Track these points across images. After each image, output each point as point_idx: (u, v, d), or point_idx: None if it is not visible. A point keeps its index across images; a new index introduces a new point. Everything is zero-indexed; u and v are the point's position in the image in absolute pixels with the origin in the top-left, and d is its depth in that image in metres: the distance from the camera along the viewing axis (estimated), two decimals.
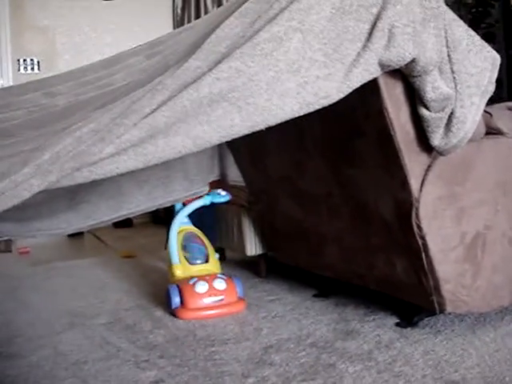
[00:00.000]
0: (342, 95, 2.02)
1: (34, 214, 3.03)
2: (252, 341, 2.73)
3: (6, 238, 6.21)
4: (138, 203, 3.23)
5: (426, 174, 2.43)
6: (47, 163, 1.66)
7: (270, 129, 1.97)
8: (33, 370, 2.58)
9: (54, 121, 1.99)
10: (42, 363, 2.65)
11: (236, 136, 1.92)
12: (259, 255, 3.87)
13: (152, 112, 1.80)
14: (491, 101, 2.50)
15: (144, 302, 3.53)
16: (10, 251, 5.99)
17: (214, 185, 3.65)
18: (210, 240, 3.64)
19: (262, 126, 1.94)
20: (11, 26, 6.62)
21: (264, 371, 2.38)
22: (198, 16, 7.40)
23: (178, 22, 7.42)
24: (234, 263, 4.38)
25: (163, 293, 3.70)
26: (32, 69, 6.73)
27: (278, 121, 1.96)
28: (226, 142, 3.37)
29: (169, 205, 3.41)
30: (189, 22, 7.25)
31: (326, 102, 2.01)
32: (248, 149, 3.35)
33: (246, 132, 1.93)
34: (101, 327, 3.11)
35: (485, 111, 2.55)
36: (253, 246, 3.81)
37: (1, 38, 6.57)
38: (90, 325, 3.16)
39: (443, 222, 2.48)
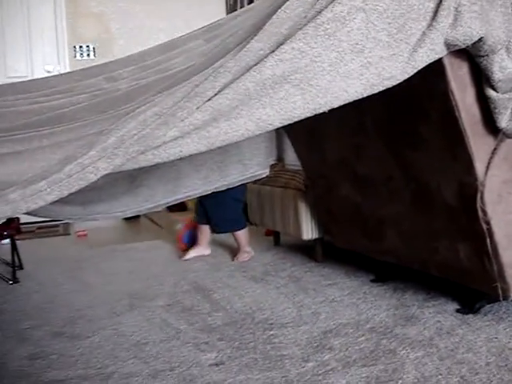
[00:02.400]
0: (406, 76, 1.97)
1: (95, 198, 3.08)
2: (310, 325, 2.72)
3: (65, 221, 6.38)
4: (195, 187, 3.24)
5: (491, 157, 2.36)
6: (112, 147, 1.68)
7: (329, 111, 1.93)
8: (95, 350, 2.63)
9: (117, 105, 2.00)
10: (103, 344, 2.71)
11: (298, 119, 1.90)
12: (315, 239, 3.85)
13: (215, 95, 1.79)
14: None
15: (201, 284, 3.56)
16: (69, 234, 6.14)
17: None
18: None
19: (324, 109, 1.91)
20: (67, 14, 6.72)
21: (324, 356, 2.37)
22: (250, 2, 7.36)
23: (231, 8, 7.39)
24: (290, 247, 4.37)
25: (219, 276, 3.73)
26: (88, 55, 6.83)
27: (341, 103, 1.92)
28: (285, 128, 3.35)
29: (224, 188, 3.41)
30: (242, 7, 7.21)
31: (390, 83, 1.96)
32: (306, 132, 3.31)
33: (309, 115, 1.90)
34: (160, 309, 3.15)
35: None
36: (309, 230, 3.79)
37: (57, 25, 6.69)
38: (150, 307, 3.21)
39: (508, 206, 2.41)
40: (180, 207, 6.95)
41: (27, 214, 3.15)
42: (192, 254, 4.33)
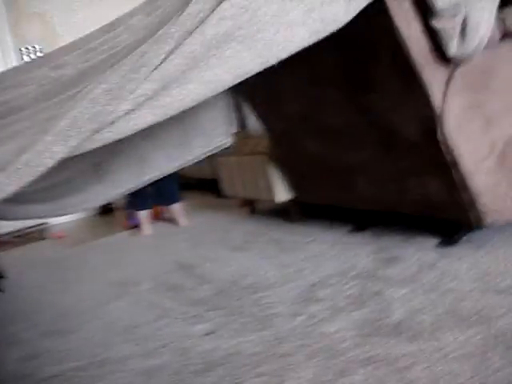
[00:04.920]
0: (349, 17, 1.96)
1: (63, 192, 3.04)
2: (295, 282, 2.74)
3: (40, 226, 6.32)
4: (160, 165, 3.21)
5: (446, 87, 2.36)
6: (66, 129, 1.65)
7: (282, 69, 1.92)
8: (86, 342, 2.63)
9: (65, 89, 1.97)
10: (93, 334, 2.70)
11: (249, 75, 1.88)
12: (289, 201, 3.86)
13: (161, 63, 1.76)
14: (504, 3, 2.42)
15: (183, 262, 3.56)
16: (44, 238, 6.08)
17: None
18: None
19: (273, 61, 1.89)
20: (8, 17, 6.57)
21: (312, 308, 2.39)
22: None
23: None
24: (266, 213, 4.38)
25: (200, 252, 3.74)
26: (36, 55, 6.70)
27: (289, 53, 1.91)
28: (241, 92, 3.33)
29: (189, 164, 3.38)
30: None
31: (333, 27, 1.95)
32: (263, 94, 3.30)
33: (259, 69, 1.88)
34: (146, 292, 3.15)
35: (498, 16, 2.47)
36: (281, 193, 3.80)
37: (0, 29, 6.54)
38: (135, 292, 3.20)
39: (470, 133, 2.43)
40: None
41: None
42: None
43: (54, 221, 6.73)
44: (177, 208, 4.97)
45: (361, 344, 1.97)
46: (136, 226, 5.03)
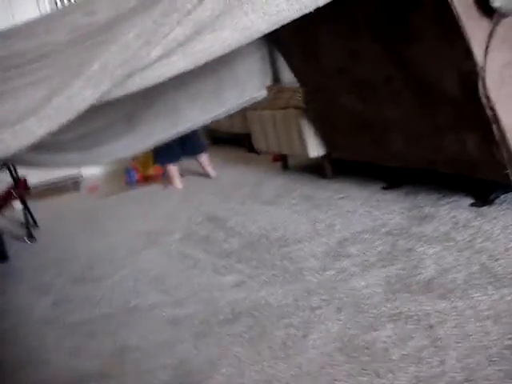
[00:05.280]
0: None
1: (96, 142, 3.04)
2: (326, 237, 2.72)
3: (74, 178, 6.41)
4: (194, 117, 3.18)
5: (489, 41, 2.27)
6: (97, 73, 1.63)
7: (318, 20, 1.86)
8: (117, 289, 2.66)
9: (97, 34, 1.94)
10: (124, 282, 2.74)
11: (284, 22, 1.82)
12: (322, 156, 3.81)
13: (194, 7, 1.72)
14: None
15: (214, 215, 3.56)
16: (79, 189, 6.16)
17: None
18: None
19: (310, 8, 1.82)
20: None
21: (342, 263, 2.37)
22: None
23: None
24: (299, 169, 4.34)
25: (231, 205, 3.73)
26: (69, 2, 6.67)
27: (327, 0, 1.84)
28: (276, 43, 3.26)
29: (223, 116, 3.35)
30: None
31: None
32: (299, 46, 3.22)
33: (294, 16, 1.82)
34: (176, 242, 3.17)
35: None
36: (315, 148, 3.75)
37: None
38: (166, 242, 3.22)
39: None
40: None
41: (30, 166, 3.15)
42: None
43: (87, 173, 6.80)
44: (203, 159, 5.02)
45: (390, 299, 1.95)
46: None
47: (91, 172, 6.80)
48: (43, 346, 2.21)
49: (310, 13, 1.85)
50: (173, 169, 4.95)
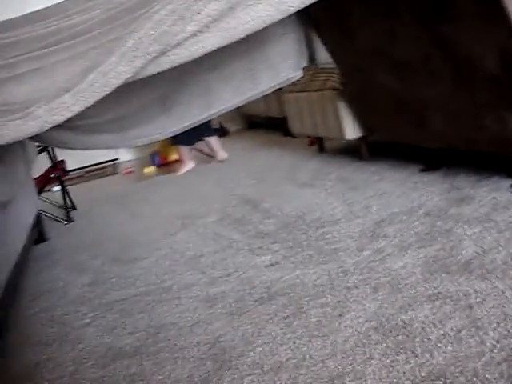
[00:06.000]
0: None
1: (129, 124, 3.05)
2: (362, 218, 2.69)
3: (110, 163, 6.48)
4: (228, 99, 3.16)
5: None
6: (131, 49, 1.63)
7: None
8: (152, 269, 2.67)
9: (131, 12, 1.93)
10: (160, 262, 2.74)
11: None
12: (359, 138, 3.76)
13: None
14: None
15: (249, 197, 3.55)
16: (117, 173, 6.22)
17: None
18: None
19: None
20: None
21: (379, 244, 2.33)
22: None
23: None
24: (335, 151, 4.30)
25: (266, 187, 3.72)
26: None
27: None
28: (311, 24, 3.22)
29: (258, 97, 3.32)
30: None
31: None
32: (335, 26, 3.18)
33: None
34: (211, 224, 3.17)
35: None
36: (352, 130, 3.70)
37: None
38: (201, 224, 3.23)
39: None
40: (222, 133, 6.96)
41: (68, 148, 3.17)
42: (185, 169, 5.12)
43: (124, 157, 6.87)
44: (213, 141, 5.16)
45: (428, 280, 1.91)
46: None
47: (127, 157, 6.88)
48: (79, 324, 2.23)
49: None
50: (185, 151, 5.17)
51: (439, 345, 1.53)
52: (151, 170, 5.69)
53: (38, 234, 3.59)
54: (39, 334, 2.22)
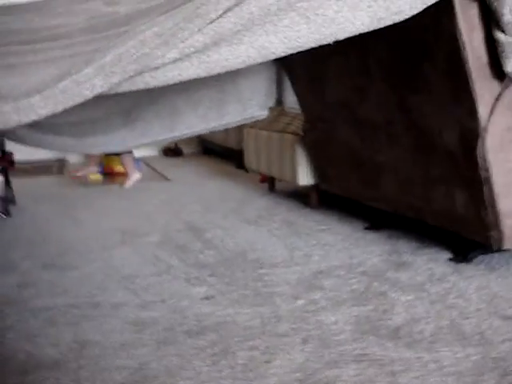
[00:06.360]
0: (415, 11, 1.90)
1: (90, 130, 3.03)
2: (302, 266, 2.72)
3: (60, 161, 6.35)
4: (192, 124, 3.18)
5: (495, 103, 2.30)
6: (110, 64, 1.62)
7: (331, 51, 1.87)
8: (85, 281, 2.63)
9: (115, 26, 1.94)
10: (93, 275, 2.70)
11: (302, 49, 1.84)
12: (311, 186, 3.82)
13: (217, 18, 1.72)
14: None
15: (193, 224, 3.55)
16: (63, 173, 6.11)
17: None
18: None
19: (329, 40, 1.84)
20: None
21: (314, 294, 2.36)
22: None
23: None
24: (285, 193, 4.35)
25: (212, 217, 3.72)
26: None
27: (347, 35, 1.86)
28: (284, 66, 3.28)
29: (221, 129, 3.36)
30: None
31: (397, 18, 1.90)
32: (307, 73, 3.25)
33: (313, 45, 1.84)
34: (151, 245, 3.14)
35: None
36: (305, 176, 3.76)
37: None
38: (142, 243, 3.20)
39: (509, 154, 2.38)
40: (175, 153, 6.95)
41: (21, 143, 3.12)
42: (131, 181, 5.00)
43: (71, 158, 6.73)
44: (127, 158, 5.06)
45: (358, 340, 1.94)
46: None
47: (74, 158, 6.74)
48: (1, 326, 2.17)
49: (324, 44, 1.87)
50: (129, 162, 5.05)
51: None
52: (98, 177, 5.60)
53: None
54: None
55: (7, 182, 4.32)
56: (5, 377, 1.79)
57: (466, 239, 2.71)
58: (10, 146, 4.41)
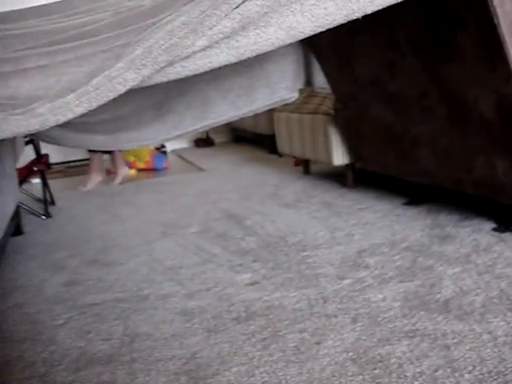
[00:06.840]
0: None
1: (122, 126, 3.05)
2: (344, 245, 2.70)
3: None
4: (222, 112, 3.18)
5: None
6: (140, 57, 1.62)
7: (358, 29, 1.85)
8: (130, 275, 2.65)
9: (141, 19, 1.93)
10: (138, 269, 2.73)
11: (330, 26, 1.81)
12: (346, 165, 3.79)
13: (243, 2, 1.71)
14: None
15: (232, 212, 3.55)
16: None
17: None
18: None
19: (357, 15, 1.81)
20: None
21: (359, 273, 2.35)
22: None
23: None
24: (320, 175, 4.32)
25: (250, 204, 3.72)
26: None
27: (375, 8, 1.82)
28: (311, 47, 3.25)
29: (251, 114, 3.34)
30: None
31: None
32: (335, 52, 3.21)
33: (342, 21, 1.81)
34: (193, 236, 3.16)
35: None
36: (340, 156, 3.73)
37: None
38: (182, 234, 3.21)
39: None
40: (207, 143, 6.96)
41: (56, 143, 3.16)
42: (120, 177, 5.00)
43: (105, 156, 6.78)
44: (118, 153, 4.98)
45: (407, 315, 1.93)
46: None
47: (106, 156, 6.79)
48: (52, 324, 2.20)
49: (350, 21, 1.84)
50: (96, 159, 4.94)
51: (415, 383, 1.54)
52: (132, 172, 5.63)
53: (15, 227, 3.54)
54: (10, 331, 2.19)
55: (45, 184, 4.38)
56: (59, 374, 1.82)
57: (509, 207, 2.67)
58: (45, 148, 4.49)
